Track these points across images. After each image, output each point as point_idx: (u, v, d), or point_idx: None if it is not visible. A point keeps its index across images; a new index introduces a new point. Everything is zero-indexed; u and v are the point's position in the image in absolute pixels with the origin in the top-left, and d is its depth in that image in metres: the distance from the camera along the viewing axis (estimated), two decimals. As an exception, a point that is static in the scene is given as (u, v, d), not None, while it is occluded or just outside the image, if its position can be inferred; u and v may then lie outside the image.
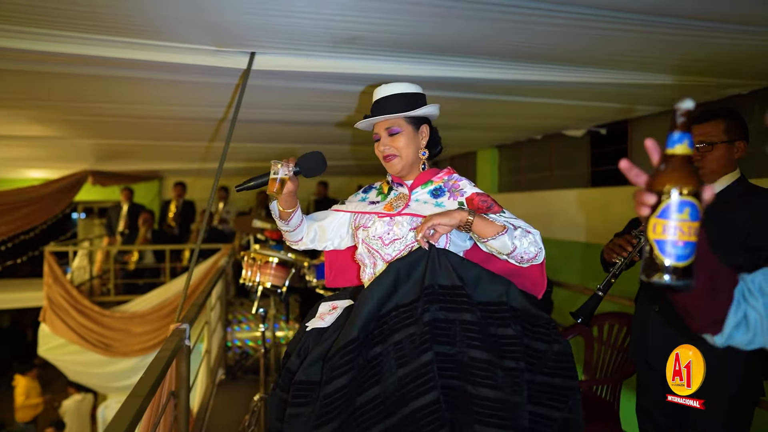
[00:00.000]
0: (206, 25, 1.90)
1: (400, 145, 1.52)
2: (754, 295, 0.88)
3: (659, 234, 0.76)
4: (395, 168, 1.55)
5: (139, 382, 1.42)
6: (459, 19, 1.82)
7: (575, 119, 4.03)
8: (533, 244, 1.39)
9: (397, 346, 1.27)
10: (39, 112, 3.40)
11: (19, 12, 1.73)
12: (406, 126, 1.53)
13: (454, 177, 1.57)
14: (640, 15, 1.81)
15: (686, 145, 0.77)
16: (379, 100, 1.56)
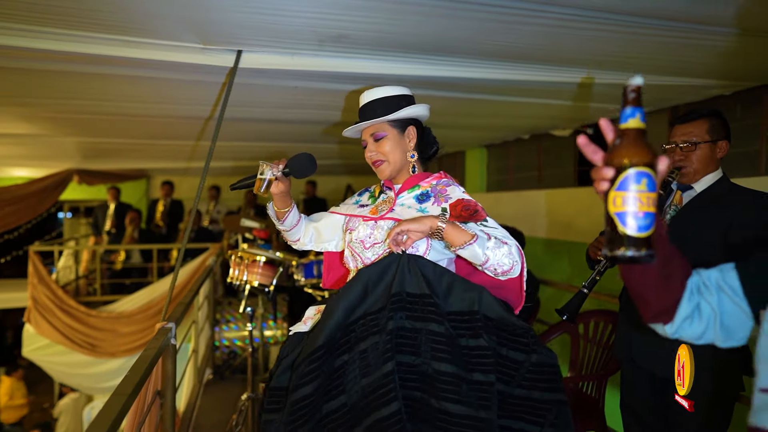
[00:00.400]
0: (192, 22, 1.89)
1: (386, 149, 1.52)
2: (710, 289, 0.89)
3: (619, 206, 0.78)
4: (384, 173, 1.55)
5: (123, 380, 1.40)
6: (444, 18, 1.83)
7: (562, 119, 4.06)
8: (507, 256, 1.33)
9: (362, 354, 1.24)
10: (22, 109, 3.36)
11: (3, 8, 1.71)
12: (390, 130, 1.52)
13: (443, 182, 1.54)
14: (624, 16, 1.83)
15: (638, 119, 0.80)
16: (363, 106, 1.55)
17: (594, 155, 0.84)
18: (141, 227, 7.28)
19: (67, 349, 5.74)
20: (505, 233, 1.41)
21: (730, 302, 0.88)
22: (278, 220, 1.64)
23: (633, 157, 0.78)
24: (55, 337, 5.68)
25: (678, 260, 0.90)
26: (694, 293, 0.90)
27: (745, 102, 3.00)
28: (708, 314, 0.89)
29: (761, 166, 2.95)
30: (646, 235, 0.78)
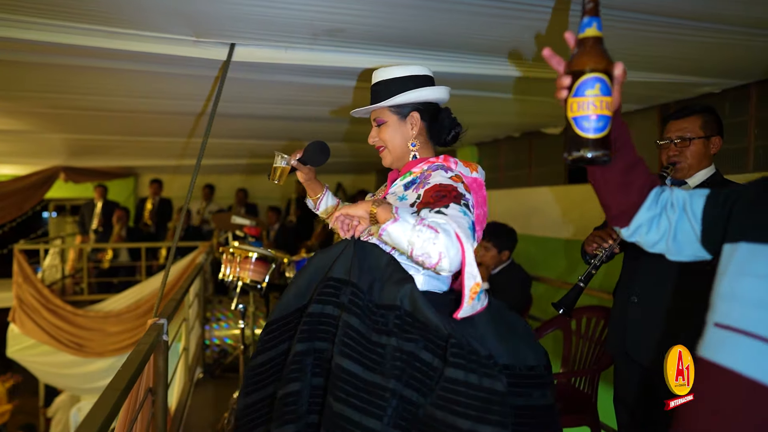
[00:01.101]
0: (184, 13, 1.86)
1: (385, 136, 1.46)
2: (674, 208, 0.96)
3: (575, 111, 0.83)
4: (385, 160, 1.50)
5: (115, 377, 1.38)
6: (439, 11, 1.82)
7: (554, 116, 4.08)
8: (432, 244, 1.07)
9: (299, 335, 1.21)
10: (5, 103, 3.29)
11: None
12: (390, 116, 1.45)
13: (434, 166, 1.37)
14: (614, 11, 1.83)
15: (595, 28, 0.85)
16: (372, 86, 1.48)
17: (558, 66, 0.90)
18: (129, 226, 7.19)
19: (53, 349, 5.65)
20: (445, 221, 1.11)
21: (686, 223, 0.94)
22: (315, 209, 1.68)
23: (588, 64, 0.83)
24: (41, 337, 5.59)
25: (642, 168, 0.97)
26: (659, 205, 0.97)
27: (734, 99, 3.04)
28: (665, 227, 0.96)
29: (749, 163, 2.99)
30: (601, 136, 0.83)
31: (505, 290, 3.08)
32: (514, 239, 3.28)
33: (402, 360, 1.09)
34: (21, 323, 5.59)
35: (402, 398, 1.08)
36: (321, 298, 1.20)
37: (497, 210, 5.45)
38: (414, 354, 1.10)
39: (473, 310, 1.16)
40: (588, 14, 0.85)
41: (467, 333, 1.16)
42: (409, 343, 1.11)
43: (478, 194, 1.37)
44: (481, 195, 1.39)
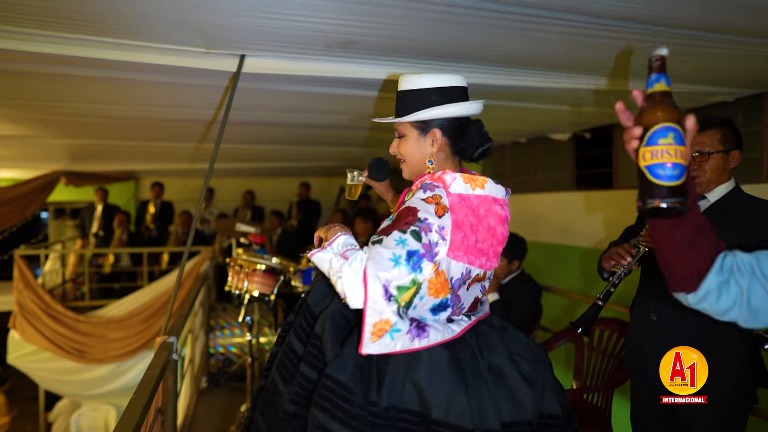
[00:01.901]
0: (195, 26, 1.83)
1: (404, 150, 1.37)
2: (743, 272, 0.92)
3: (648, 160, 0.84)
4: (404, 173, 1.42)
5: (129, 405, 1.34)
6: (454, 24, 1.79)
7: (561, 123, 4.05)
8: (336, 277, 1.08)
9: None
10: (11, 111, 3.25)
11: (2, 10, 1.63)
12: (410, 130, 1.34)
13: (424, 184, 1.27)
14: (628, 23, 1.81)
15: (663, 84, 0.86)
16: (397, 93, 1.36)
17: (628, 121, 0.91)
18: (130, 230, 7.13)
19: (54, 355, 5.59)
20: (379, 256, 1.06)
21: (760, 287, 0.90)
22: None
23: (660, 115, 0.84)
24: (42, 343, 5.53)
25: (709, 231, 0.93)
26: (725, 270, 0.93)
27: (747, 109, 3.01)
28: (736, 293, 0.91)
29: (763, 172, 2.96)
30: (677, 183, 0.83)
31: (515, 300, 3.04)
32: (524, 248, 3.24)
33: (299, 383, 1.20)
34: (22, 329, 5.54)
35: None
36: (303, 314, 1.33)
37: (502, 215, 5.42)
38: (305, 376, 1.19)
39: (385, 348, 1.09)
40: (656, 71, 0.87)
41: (392, 372, 1.11)
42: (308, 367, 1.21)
43: (475, 213, 1.22)
44: (493, 213, 1.27)
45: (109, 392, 6.10)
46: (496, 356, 1.23)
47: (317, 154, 5.70)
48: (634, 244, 1.89)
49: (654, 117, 0.84)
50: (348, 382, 1.10)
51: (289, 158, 6.10)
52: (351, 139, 4.51)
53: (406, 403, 1.10)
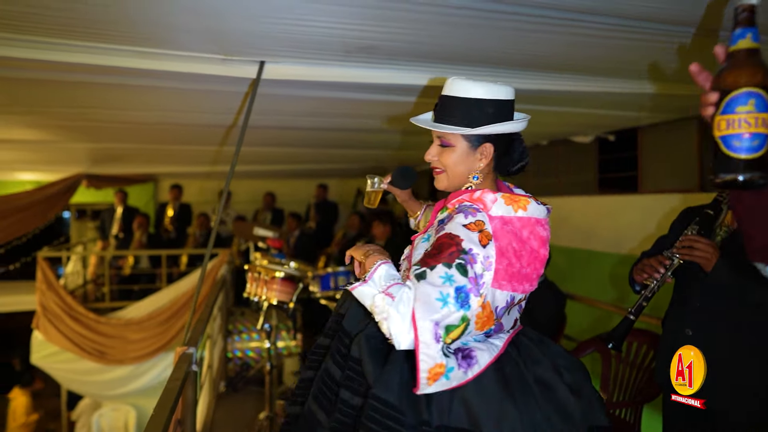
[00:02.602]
0: (214, 33, 1.81)
1: (448, 161, 1.26)
2: None
3: (723, 130, 0.75)
4: (440, 183, 1.31)
5: (151, 421, 1.31)
6: (475, 28, 1.74)
7: (584, 126, 3.95)
8: (383, 318, 1.06)
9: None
10: (35, 117, 3.28)
11: (28, 21, 1.64)
12: (459, 142, 1.24)
13: (463, 206, 1.19)
14: (661, 24, 1.73)
15: (749, 39, 0.76)
16: (443, 98, 1.25)
17: (705, 82, 0.82)
18: (149, 231, 7.20)
19: (76, 356, 5.67)
20: (427, 296, 1.03)
21: None
22: (416, 228, 1.64)
23: (740, 78, 0.75)
24: (64, 344, 5.61)
25: None
26: None
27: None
28: None
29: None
30: (756, 156, 0.74)
31: (539, 308, 2.97)
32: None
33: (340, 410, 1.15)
34: (45, 330, 5.62)
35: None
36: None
37: (522, 219, 5.33)
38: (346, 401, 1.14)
39: (442, 387, 1.05)
40: (741, 25, 0.76)
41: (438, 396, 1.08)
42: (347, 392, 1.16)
43: (518, 237, 1.15)
44: (536, 235, 1.19)
45: (129, 393, 6.17)
46: (541, 368, 1.18)
47: (336, 156, 5.68)
48: (668, 256, 1.81)
49: (734, 80, 0.75)
50: (396, 402, 1.06)
51: (308, 160, 6.10)
52: (370, 142, 4.47)
53: (455, 422, 1.06)
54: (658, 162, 3.77)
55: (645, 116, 3.41)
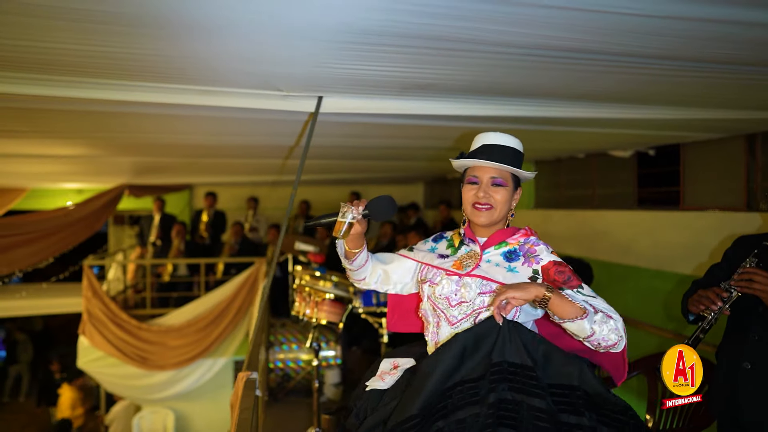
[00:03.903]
0: (278, 76, 1.89)
1: (500, 198, 1.44)
2: None
3: None
4: (484, 219, 1.45)
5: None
6: (531, 69, 1.78)
7: (623, 143, 3.94)
8: (614, 332, 1.30)
9: (460, 425, 1.19)
10: (93, 141, 3.44)
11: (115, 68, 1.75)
12: (510, 182, 1.46)
13: (531, 240, 1.47)
14: (715, 64, 1.73)
15: None
16: (492, 146, 1.47)
17: None
18: (186, 239, 7.40)
19: (119, 361, 5.88)
20: (606, 305, 1.36)
21: None
22: (347, 260, 1.59)
23: None
24: (109, 349, 5.82)
25: None
26: None
27: None
28: None
29: None
30: None
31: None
32: (590, 275, 3.17)
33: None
34: (90, 336, 5.84)
35: None
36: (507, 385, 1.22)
37: (557, 230, 5.31)
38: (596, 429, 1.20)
39: None
40: None
41: None
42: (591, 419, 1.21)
43: None
44: None
45: (168, 397, 6.37)
46: None
47: (373, 167, 5.76)
48: (726, 288, 1.82)
49: None
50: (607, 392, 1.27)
51: (344, 170, 6.20)
52: (408, 156, 4.53)
53: None
54: (702, 178, 3.72)
55: (689, 135, 3.38)
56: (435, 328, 1.49)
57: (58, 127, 2.85)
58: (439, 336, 1.47)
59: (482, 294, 1.41)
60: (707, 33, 1.45)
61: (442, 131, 2.86)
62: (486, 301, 1.41)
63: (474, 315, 1.41)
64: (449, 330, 1.44)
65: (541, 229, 1.49)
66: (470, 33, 1.41)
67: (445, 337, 1.44)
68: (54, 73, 1.81)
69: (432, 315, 1.50)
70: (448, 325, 1.44)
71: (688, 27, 1.40)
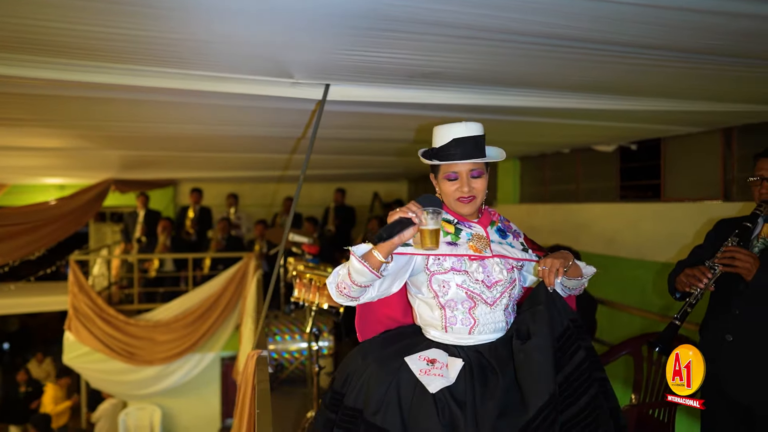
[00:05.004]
0: (285, 62, 1.93)
1: (481, 187, 1.55)
2: None
3: None
4: (469, 209, 1.55)
5: (259, 420, 1.46)
6: (538, 58, 1.86)
7: (607, 137, 4.09)
8: (587, 280, 1.63)
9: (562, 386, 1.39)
10: (83, 131, 3.41)
11: (120, 52, 1.77)
12: (484, 170, 1.56)
13: (502, 217, 1.69)
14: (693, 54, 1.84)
15: None
16: (462, 139, 1.50)
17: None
18: (172, 235, 7.34)
19: (106, 357, 5.83)
20: None
21: None
22: (374, 272, 1.37)
23: None
24: (95, 345, 5.77)
25: None
26: None
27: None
28: None
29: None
30: None
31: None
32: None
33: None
34: (76, 331, 5.78)
35: None
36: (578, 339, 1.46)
37: (542, 224, 5.47)
38: None
39: None
40: None
41: None
42: None
43: None
44: None
45: (156, 393, 6.33)
46: None
47: (362, 162, 5.82)
48: (710, 266, 1.94)
49: None
50: None
51: (331, 166, 6.24)
52: (396, 150, 4.61)
53: None
54: (681, 171, 3.91)
55: (670, 129, 3.54)
56: (467, 313, 1.51)
57: (48, 115, 2.81)
58: (478, 317, 1.51)
59: (509, 271, 1.55)
60: (691, 23, 1.54)
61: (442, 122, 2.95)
62: (513, 276, 1.57)
63: (509, 292, 1.55)
64: (488, 310, 1.52)
65: (526, 223, 1.62)
66: (477, 20, 1.48)
67: (485, 317, 1.52)
68: (47, 54, 1.77)
69: (464, 301, 1.51)
70: (488, 306, 1.51)
71: (672, 16, 1.49)
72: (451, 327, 1.53)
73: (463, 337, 1.53)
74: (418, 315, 1.60)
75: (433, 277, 1.53)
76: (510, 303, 1.56)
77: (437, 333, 1.55)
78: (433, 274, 1.53)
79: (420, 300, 1.58)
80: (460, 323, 1.53)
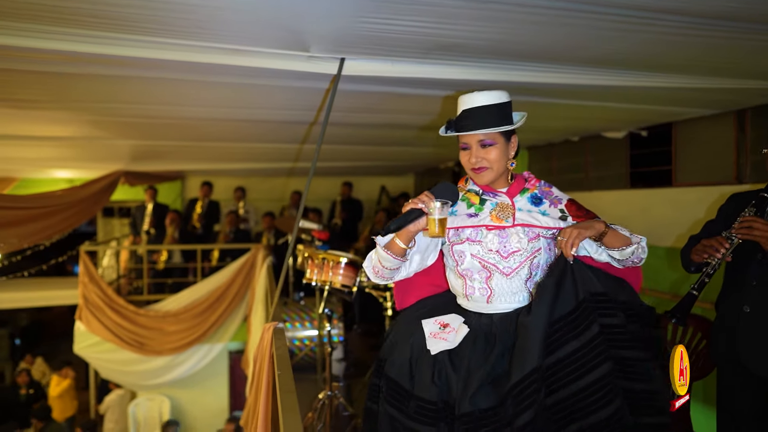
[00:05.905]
0: (299, 31, 1.91)
1: (493, 157, 1.51)
2: None
3: None
4: (484, 179, 1.55)
5: (281, 379, 1.47)
6: (561, 26, 1.83)
7: (617, 121, 4.07)
8: (644, 251, 1.54)
9: (566, 360, 1.34)
10: (94, 115, 3.41)
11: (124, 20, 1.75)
12: (500, 139, 1.52)
13: (544, 183, 1.64)
14: (705, 18, 1.81)
15: None
16: (471, 109, 1.50)
17: None
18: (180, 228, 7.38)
19: (116, 347, 5.87)
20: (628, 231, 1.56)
21: None
22: (399, 259, 1.51)
23: None
24: (105, 335, 5.81)
25: None
26: None
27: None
28: None
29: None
30: None
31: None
32: None
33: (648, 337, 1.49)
34: (87, 321, 5.82)
35: None
36: (598, 313, 1.40)
37: (551, 213, 5.44)
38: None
39: None
40: None
41: None
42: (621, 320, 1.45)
43: None
44: None
45: (165, 383, 6.37)
46: None
47: (369, 153, 5.82)
48: (727, 236, 1.93)
49: None
50: None
51: (342, 158, 6.23)
52: (406, 140, 4.61)
53: None
54: (693, 156, 3.88)
55: (683, 111, 3.52)
56: (484, 283, 1.54)
57: (61, 95, 2.76)
58: (494, 287, 1.54)
59: (531, 240, 1.52)
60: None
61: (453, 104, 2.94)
62: (536, 246, 1.52)
63: (528, 262, 1.52)
64: (505, 280, 1.53)
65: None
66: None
67: (500, 287, 1.53)
68: (58, 24, 1.74)
69: (480, 271, 1.54)
70: (504, 276, 1.52)
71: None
72: (471, 296, 1.58)
73: (482, 306, 1.58)
74: (449, 282, 1.67)
75: (453, 247, 1.58)
76: (533, 272, 1.54)
77: (462, 300, 1.63)
78: (452, 244, 1.58)
79: (449, 268, 1.65)
80: (477, 292, 1.56)
